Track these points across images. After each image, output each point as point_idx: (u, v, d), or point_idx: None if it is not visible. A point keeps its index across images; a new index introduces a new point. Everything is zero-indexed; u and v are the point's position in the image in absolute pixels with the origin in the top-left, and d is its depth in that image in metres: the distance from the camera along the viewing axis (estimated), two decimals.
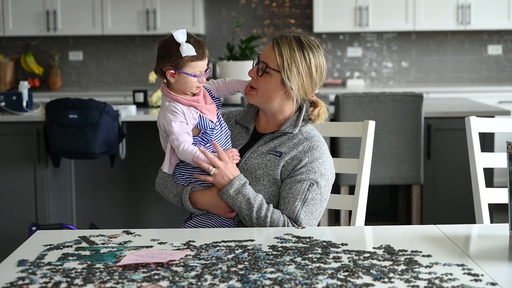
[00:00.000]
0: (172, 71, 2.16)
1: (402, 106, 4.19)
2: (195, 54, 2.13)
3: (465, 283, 1.51)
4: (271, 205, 2.13)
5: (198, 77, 2.16)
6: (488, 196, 2.40)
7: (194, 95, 2.19)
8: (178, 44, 2.12)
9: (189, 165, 2.21)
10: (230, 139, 2.26)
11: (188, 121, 2.16)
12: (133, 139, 4.51)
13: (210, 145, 2.19)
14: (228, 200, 2.12)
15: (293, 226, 2.11)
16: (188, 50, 2.12)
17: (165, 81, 2.23)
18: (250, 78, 2.24)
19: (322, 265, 1.64)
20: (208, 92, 2.26)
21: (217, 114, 2.25)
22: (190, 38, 2.15)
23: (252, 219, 2.11)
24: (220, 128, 2.23)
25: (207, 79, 2.25)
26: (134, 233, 1.95)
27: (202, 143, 2.18)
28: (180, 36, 2.12)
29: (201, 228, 2.18)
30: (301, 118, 2.22)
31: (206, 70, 2.18)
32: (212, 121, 2.20)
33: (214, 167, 2.13)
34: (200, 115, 2.18)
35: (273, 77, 2.17)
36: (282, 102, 2.20)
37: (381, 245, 1.81)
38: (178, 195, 2.22)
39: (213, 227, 2.17)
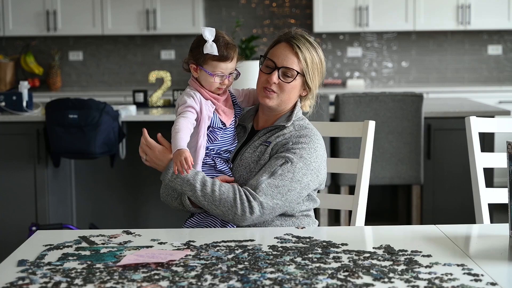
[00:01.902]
0: (194, 66, 2.20)
1: (402, 106, 4.19)
2: (217, 54, 2.15)
3: (465, 283, 1.51)
4: (217, 180, 2.12)
5: (215, 77, 2.17)
6: (488, 196, 2.40)
7: (218, 95, 2.22)
8: (205, 41, 2.15)
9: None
10: (235, 145, 2.27)
11: (204, 110, 2.16)
12: (133, 139, 4.51)
13: (217, 143, 2.21)
14: (170, 185, 2.12)
15: (249, 193, 2.08)
16: (210, 48, 2.15)
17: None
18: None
19: (322, 265, 1.64)
20: (232, 98, 2.29)
21: (232, 121, 2.25)
22: (220, 38, 2.18)
23: (198, 198, 2.09)
24: (229, 132, 2.24)
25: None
26: (134, 233, 1.95)
27: (208, 140, 2.19)
28: (207, 33, 2.16)
29: (200, 225, 2.19)
30: (295, 112, 2.24)
31: (231, 73, 2.20)
32: (224, 123, 2.21)
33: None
34: (214, 111, 2.20)
35: (297, 81, 2.21)
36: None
37: (381, 245, 1.81)
38: (178, 197, 2.22)
39: (212, 223, 2.17)
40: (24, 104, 4.34)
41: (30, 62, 6.88)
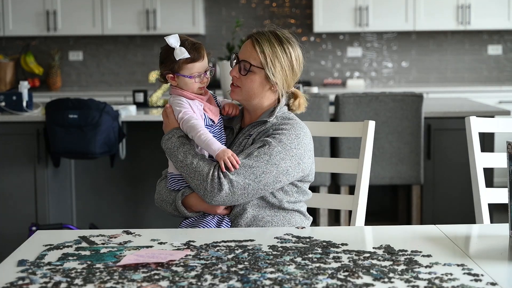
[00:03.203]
0: (171, 75, 2.23)
1: (402, 106, 4.19)
2: (189, 56, 2.18)
3: (465, 283, 1.51)
4: (201, 155, 2.16)
5: (195, 78, 2.20)
6: (488, 196, 2.40)
7: (201, 95, 2.25)
8: (173, 49, 2.19)
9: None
10: (225, 143, 2.28)
11: (195, 109, 2.20)
12: (133, 139, 4.51)
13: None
14: (164, 149, 2.19)
15: (220, 173, 2.09)
16: (181, 53, 2.19)
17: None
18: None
19: (322, 265, 1.64)
20: (214, 98, 2.31)
21: (219, 119, 2.29)
22: (186, 41, 2.21)
23: (179, 168, 2.15)
24: (218, 130, 2.26)
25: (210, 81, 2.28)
26: (134, 233, 1.95)
27: None
28: (172, 40, 2.20)
29: (196, 226, 2.19)
30: (278, 108, 2.24)
31: (207, 70, 2.22)
32: (213, 121, 2.24)
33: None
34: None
35: (257, 75, 2.21)
36: (265, 97, 2.24)
37: (381, 245, 1.81)
38: (173, 203, 2.23)
39: (207, 225, 2.17)
40: (24, 104, 4.34)
41: (30, 62, 6.88)
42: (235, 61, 2.25)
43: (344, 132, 2.54)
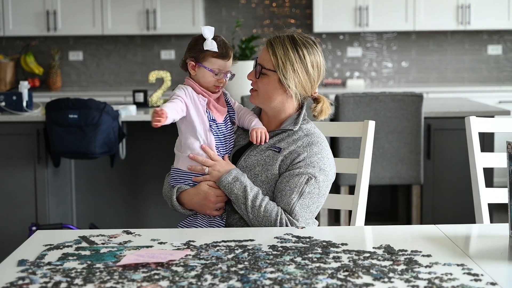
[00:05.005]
0: (193, 63, 2.23)
1: (402, 106, 4.19)
2: (217, 51, 2.19)
3: (465, 283, 1.51)
4: (267, 197, 2.14)
5: (216, 74, 2.20)
6: (488, 196, 2.40)
7: (212, 92, 2.25)
8: (204, 39, 2.20)
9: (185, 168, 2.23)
10: (233, 143, 2.28)
11: (196, 100, 2.20)
12: (133, 139, 4.51)
13: (215, 138, 2.22)
14: (226, 187, 2.14)
15: (287, 218, 2.10)
16: (210, 45, 2.20)
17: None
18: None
19: (322, 265, 1.64)
20: (226, 99, 2.30)
21: (225, 118, 2.27)
22: (218, 37, 2.23)
23: (247, 207, 2.11)
24: (225, 129, 2.24)
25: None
26: (134, 233, 1.95)
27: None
28: (206, 31, 2.21)
29: (191, 226, 2.19)
30: (302, 115, 2.23)
31: (227, 73, 2.22)
32: (214, 120, 2.23)
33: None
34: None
35: (270, 78, 2.19)
36: (283, 101, 2.22)
37: (381, 245, 1.81)
38: (169, 200, 2.23)
39: (201, 227, 2.17)
40: (24, 104, 4.34)
41: (30, 62, 6.88)
42: (254, 65, 2.25)
43: (344, 132, 2.54)
